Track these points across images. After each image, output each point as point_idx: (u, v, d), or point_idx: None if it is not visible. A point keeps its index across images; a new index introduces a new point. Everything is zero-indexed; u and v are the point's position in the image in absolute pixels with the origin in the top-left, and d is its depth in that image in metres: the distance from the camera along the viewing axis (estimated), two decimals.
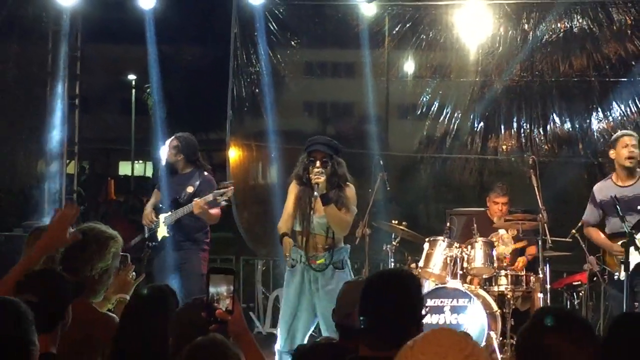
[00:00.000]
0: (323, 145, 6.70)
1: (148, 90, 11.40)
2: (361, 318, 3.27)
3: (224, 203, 7.93)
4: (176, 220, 8.15)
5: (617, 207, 7.14)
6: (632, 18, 10.87)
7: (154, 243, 8.29)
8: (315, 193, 6.48)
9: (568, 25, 11.16)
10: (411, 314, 3.26)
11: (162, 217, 8.28)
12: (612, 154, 7.73)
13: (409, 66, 12.21)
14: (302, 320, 6.71)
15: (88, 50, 12.89)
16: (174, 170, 8.37)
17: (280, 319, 6.94)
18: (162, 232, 8.27)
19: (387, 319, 3.20)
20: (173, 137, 8.48)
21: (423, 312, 3.37)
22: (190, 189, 8.16)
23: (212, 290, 3.22)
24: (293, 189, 6.85)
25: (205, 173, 8.39)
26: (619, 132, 7.97)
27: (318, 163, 6.56)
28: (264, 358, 3.37)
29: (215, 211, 8.07)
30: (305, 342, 6.70)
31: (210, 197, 7.79)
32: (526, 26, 11.34)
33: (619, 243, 7.32)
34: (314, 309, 6.69)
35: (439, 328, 2.08)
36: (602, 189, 7.79)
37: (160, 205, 8.37)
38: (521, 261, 8.84)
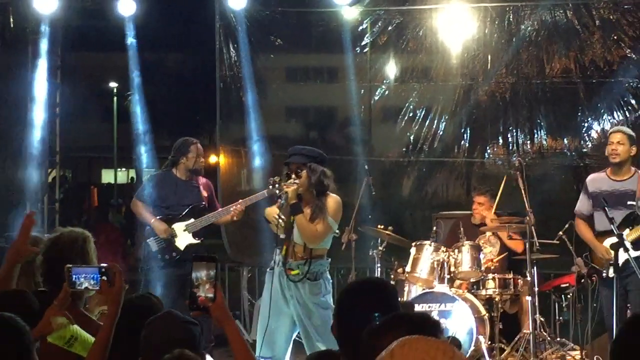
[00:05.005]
0: (295, 156, 6.68)
1: (130, 97, 11.28)
2: (339, 330, 3.16)
3: (282, 200, 6.92)
4: (202, 227, 7.99)
5: (606, 209, 7.07)
6: (615, 18, 10.83)
7: (174, 254, 8.01)
8: (282, 201, 6.50)
9: (552, 27, 11.12)
10: None
11: (180, 225, 8.03)
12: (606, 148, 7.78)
13: (393, 70, 12.12)
14: (281, 325, 6.66)
15: (69, 59, 12.77)
16: (189, 176, 8.17)
17: (258, 322, 6.87)
18: (186, 240, 8.01)
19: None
20: (194, 140, 8.28)
21: None
22: (205, 193, 8.06)
23: (193, 276, 3.27)
24: None
25: (201, 178, 8.30)
26: (612, 128, 7.97)
27: (293, 175, 6.55)
28: (248, 345, 3.37)
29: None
30: (289, 347, 6.69)
31: (263, 194, 7.23)
32: (511, 28, 11.28)
33: (607, 243, 7.30)
34: (291, 315, 6.66)
35: (414, 336, 1.97)
36: (595, 180, 7.79)
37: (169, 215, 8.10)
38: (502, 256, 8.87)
